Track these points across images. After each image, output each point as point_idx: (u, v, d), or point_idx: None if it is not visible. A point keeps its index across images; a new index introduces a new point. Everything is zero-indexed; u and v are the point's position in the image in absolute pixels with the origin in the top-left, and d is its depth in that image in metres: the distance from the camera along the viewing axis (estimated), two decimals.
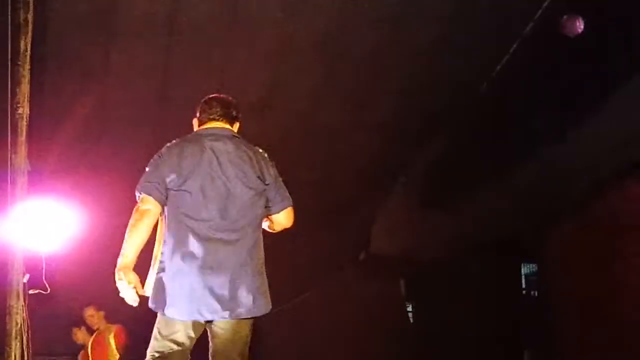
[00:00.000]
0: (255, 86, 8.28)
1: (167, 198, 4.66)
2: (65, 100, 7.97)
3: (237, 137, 4.93)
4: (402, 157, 10.31)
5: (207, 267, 4.56)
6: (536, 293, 13.50)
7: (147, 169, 4.72)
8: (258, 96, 8.32)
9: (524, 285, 13.72)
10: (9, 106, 6.43)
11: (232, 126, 5.00)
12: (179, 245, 4.60)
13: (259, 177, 4.77)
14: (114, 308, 9.11)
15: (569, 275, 11.32)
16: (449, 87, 9.03)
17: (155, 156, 4.76)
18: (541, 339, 11.82)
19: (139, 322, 5.58)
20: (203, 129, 4.93)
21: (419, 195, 10.88)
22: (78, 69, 7.76)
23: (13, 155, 6.49)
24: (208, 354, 4.73)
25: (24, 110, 6.52)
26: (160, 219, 4.74)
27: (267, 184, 4.81)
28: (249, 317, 4.67)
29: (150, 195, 4.60)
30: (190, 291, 4.54)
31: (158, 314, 4.67)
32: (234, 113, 5.03)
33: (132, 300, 4.54)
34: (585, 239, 10.99)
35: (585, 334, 10.65)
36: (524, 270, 13.65)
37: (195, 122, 5.03)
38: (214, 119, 4.95)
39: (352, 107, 8.93)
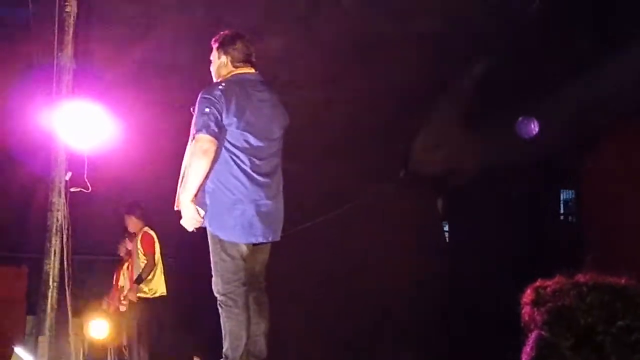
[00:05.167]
0: None
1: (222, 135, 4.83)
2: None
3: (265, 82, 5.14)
4: (448, 74, 10.19)
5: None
6: (574, 219, 13.44)
7: (204, 109, 4.79)
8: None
9: (562, 210, 13.66)
10: (57, 4, 6.45)
11: None
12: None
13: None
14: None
15: (607, 201, 11.22)
16: (498, 5, 8.92)
17: (210, 97, 4.82)
18: (574, 263, 11.76)
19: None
20: (242, 73, 5.01)
21: (462, 115, 10.78)
22: None
23: (59, 53, 6.53)
24: None
25: (72, 8, 6.53)
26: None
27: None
28: None
29: (213, 136, 4.76)
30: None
31: None
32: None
33: (194, 227, 4.86)
34: (624, 166, 10.86)
35: (621, 259, 10.58)
36: (563, 196, 13.57)
37: (225, 58, 5.04)
38: (248, 64, 5.06)
39: (399, 18, 8.85)
